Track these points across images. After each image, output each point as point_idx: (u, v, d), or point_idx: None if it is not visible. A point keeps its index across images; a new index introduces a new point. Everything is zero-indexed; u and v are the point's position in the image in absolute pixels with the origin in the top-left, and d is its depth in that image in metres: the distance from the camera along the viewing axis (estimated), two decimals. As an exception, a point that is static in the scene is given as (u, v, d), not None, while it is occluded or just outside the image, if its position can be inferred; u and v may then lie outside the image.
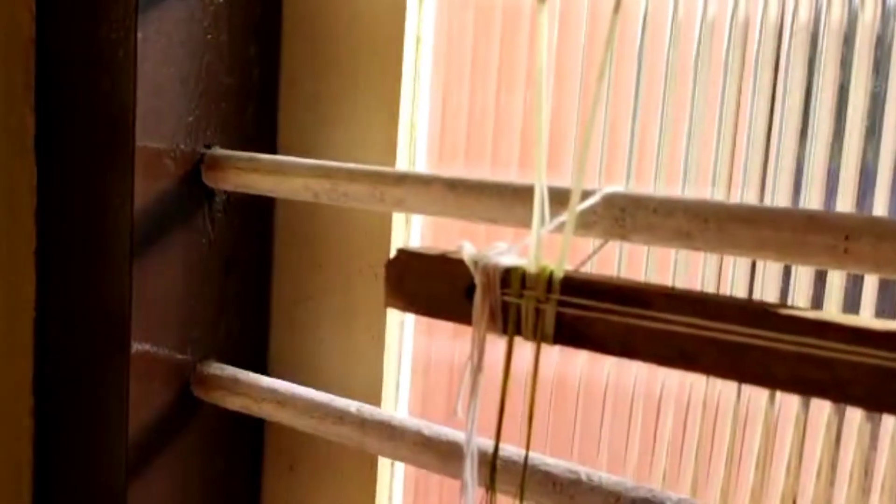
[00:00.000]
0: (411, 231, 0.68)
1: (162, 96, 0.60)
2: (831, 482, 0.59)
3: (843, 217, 0.40)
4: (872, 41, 0.57)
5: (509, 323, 0.39)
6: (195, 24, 0.62)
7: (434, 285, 0.42)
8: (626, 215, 0.45)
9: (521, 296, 0.38)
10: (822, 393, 0.32)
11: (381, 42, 0.66)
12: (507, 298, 0.39)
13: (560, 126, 0.66)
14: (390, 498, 0.70)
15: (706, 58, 0.61)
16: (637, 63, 0.63)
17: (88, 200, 0.63)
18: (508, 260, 0.39)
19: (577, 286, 0.38)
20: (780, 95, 0.59)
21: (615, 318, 0.37)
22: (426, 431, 0.54)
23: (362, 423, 0.56)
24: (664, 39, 0.62)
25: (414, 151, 0.68)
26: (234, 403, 0.64)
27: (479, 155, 0.69)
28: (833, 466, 0.59)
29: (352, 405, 0.58)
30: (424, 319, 0.69)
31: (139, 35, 0.58)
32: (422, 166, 0.68)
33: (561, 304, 0.38)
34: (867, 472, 0.57)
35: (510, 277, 0.39)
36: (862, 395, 0.32)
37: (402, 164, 0.67)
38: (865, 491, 0.57)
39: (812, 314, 0.33)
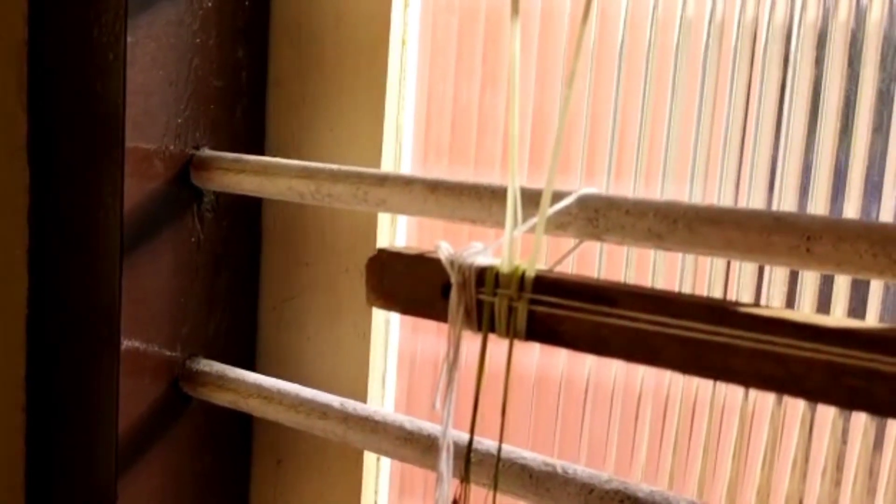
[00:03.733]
0: (397, 231, 0.70)
1: (151, 98, 0.61)
2: (837, 482, 0.60)
3: (805, 218, 0.41)
4: (847, 40, 0.58)
5: (483, 320, 0.40)
6: (184, 28, 0.63)
7: (412, 284, 0.43)
8: (599, 216, 0.47)
9: (494, 294, 0.40)
10: (778, 387, 0.34)
11: (367, 45, 0.67)
12: (481, 297, 0.40)
13: (543, 127, 0.67)
14: (376, 491, 0.71)
15: (685, 57, 0.62)
16: (617, 62, 0.64)
17: (80, 200, 0.64)
18: (483, 260, 0.41)
19: (548, 285, 0.39)
20: (756, 94, 0.60)
21: (584, 315, 0.38)
22: (408, 426, 0.55)
23: (345, 417, 0.57)
24: (644, 39, 0.63)
25: (399, 152, 0.69)
26: (222, 399, 0.65)
27: (464, 155, 0.70)
28: (838, 466, 0.60)
29: (335, 400, 0.59)
30: (410, 317, 0.70)
31: (129, 39, 0.59)
32: (407, 167, 0.70)
33: (533, 302, 0.39)
34: (871, 471, 0.59)
35: (484, 277, 0.40)
36: (814, 389, 0.33)
37: (387, 165, 0.68)
38: (870, 490, 0.58)
39: (768, 312, 0.34)
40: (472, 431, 0.42)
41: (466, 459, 0.43)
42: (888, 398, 0.32)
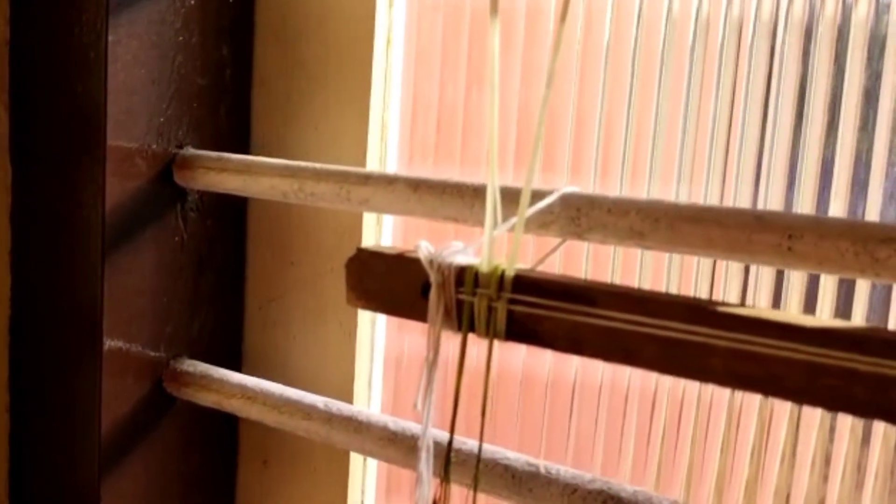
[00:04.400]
0: (382, 230, 0.69)
1: (133, 97, 0.61)
2: (825, 477, 0.60)
3: (787, 217, 0.41)
4: (833, 37, 0.58)
5: (463, 320, 0.40)
6: (167, 27, 0.62)
7: (392, 284, 0.43)
8: (581, 215, 0.47)
9: (474, 294, 0.39)
10: (757, 388, 0.34)
11: (352, 43, 0.67)
12: (461, 296, 0.40)
13: (528, 126, 0.67)
14: (363, 491, 0.71)
15: (670, 55, 0.62)
16: (603, 61, 0.64)
17: (62, 200, 0.63)
18: (463, 259, 0.40)
19: (527, 285, 0.39)
20: (742, 91, 0.60)
21: (563, 315, 0.38)
22: (392, 426, 0.55)
23: (329, 418, 0.57)
24: (630, 37, 0.63)
25: (385, 151, 0.69)
26: (206, 399, 0.65)
27: (449, 154, 0.69)
28: (826, 461, 0.60)
29: (319, 401, 0.59)
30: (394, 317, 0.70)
31: (110, 38, 0.58)
32: (393, 166, 0.69)
33: (512, 301, 0.39)
34: (859, 467, 0.58)
35: (464, 276, 0.40)
36: (794, 389, 0.33)
37: (373, 164, 0.68)
38: (858, 485, 0.58)
39: (747, 311, 0.34)
40: (451, 431, 0.42)
41: (446, 460, 0.42)
42: (867, 398, 0.31)
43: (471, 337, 0.40)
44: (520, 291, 0.39)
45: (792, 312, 0.34)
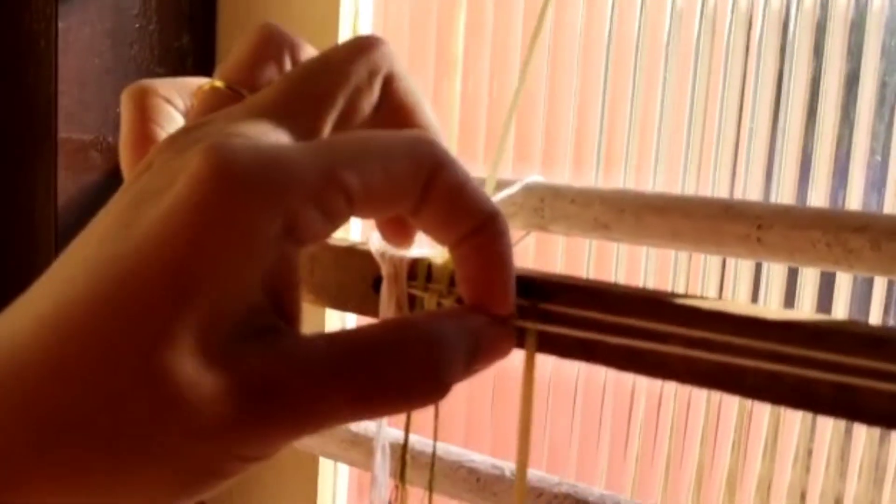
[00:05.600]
0: (349, 225, 0.67)
1: (86, 87, 0.59)
2: (807, 468, 0.59)
3: (756, 206, 0.39)
4: (813, 26, 0.57)
5: (416, 316, 0.38)
6: (122, 13, 0.60)
7: (342, 277, 0.41)
8: (545, 206, 0.45)
9: (426, 289, 0.38)
10: (718, 385, 0.32)
11: (317, 31, 0.65)
12: (413, 291, 0.38)
13: (499, 116, 0.65)
14: (334, 494, 0.69)
15: (646, 44, 0.61)
16: (576, 50, 0.62)
17: (12, 195, 0.61)
18: (418, 251, 0.38)
19: (481, 278, 0.37)
20: (720, 80, 0.59)
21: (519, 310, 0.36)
22: (354, 427, 0.53)
23: (289, 419, 0.55)
24: (604, 26, 0.62)
25: (353, 142, 0.67)
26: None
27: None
28: (809, 452, 0.59)
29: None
30: (365, 315, 0.68)
31: (60, 24, 0.56)
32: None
33: (466, 296, 0.37)
34: (843, 457, 0.57)
35: (416, 269, 0.38)
36: (756, 386, 0.31)
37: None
38: (842, 476, 0.57)
39: (708, 304, 0.32)
40: (406, 430, 0.40)
41: (402, 462, 0.40)
42: (831, 396, 0.29)
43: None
44: (473, 285, 0.37)
45: (754, 305, 0.32)
